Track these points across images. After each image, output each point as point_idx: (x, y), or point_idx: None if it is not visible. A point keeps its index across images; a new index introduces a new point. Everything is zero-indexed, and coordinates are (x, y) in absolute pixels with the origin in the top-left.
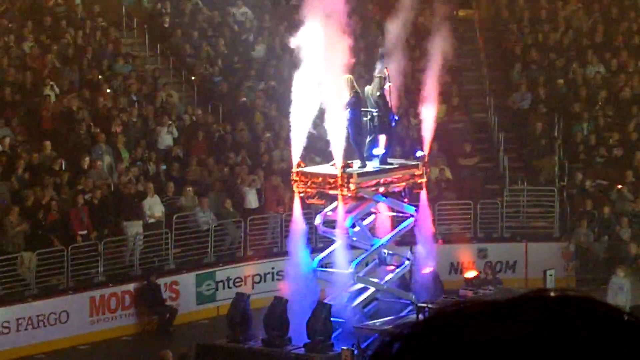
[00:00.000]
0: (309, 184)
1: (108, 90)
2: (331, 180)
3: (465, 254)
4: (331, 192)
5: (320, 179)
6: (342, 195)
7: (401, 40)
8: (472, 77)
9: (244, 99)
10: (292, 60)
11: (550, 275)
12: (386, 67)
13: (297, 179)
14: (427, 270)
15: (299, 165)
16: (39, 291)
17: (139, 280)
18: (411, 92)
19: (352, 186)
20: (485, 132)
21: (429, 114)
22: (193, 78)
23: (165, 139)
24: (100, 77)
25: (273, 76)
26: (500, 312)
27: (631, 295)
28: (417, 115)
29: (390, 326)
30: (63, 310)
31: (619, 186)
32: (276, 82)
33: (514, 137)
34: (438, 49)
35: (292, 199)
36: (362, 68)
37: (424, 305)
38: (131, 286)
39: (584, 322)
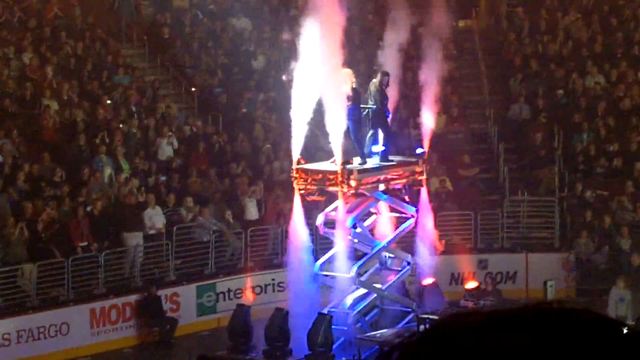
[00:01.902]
0: (309, 181)
1: (108, 102)
2: (331, 177)
3: (465, 264)
4: (331, 188)
5: (320, 175)
6: (342, 192)
7: (401, 51)
8: (472, 88)
9: (244, 109)
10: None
11: (551, 286)
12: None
13: (297, 175)
14: (428, 281)
15: (298, 162)
16: (40, 303)
17: (140, 291)
18: (410, 103)
19: (352, 183)
20: (485, 143)
21: (428, 124)
22: (193, 89)
23: (166, 150)
24: (100, 88)
25: (273, 87)
26: (498, 322)
27: (632, 306)
28: (416, 125)
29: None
30: (64, 322)
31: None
32: (276, 93)
33: (513, 147)
34: (437, 59)
35: (292, 210)
36: (361, 79)
37: (426, 316)
38: (132, 298)
39: (581, 334)
